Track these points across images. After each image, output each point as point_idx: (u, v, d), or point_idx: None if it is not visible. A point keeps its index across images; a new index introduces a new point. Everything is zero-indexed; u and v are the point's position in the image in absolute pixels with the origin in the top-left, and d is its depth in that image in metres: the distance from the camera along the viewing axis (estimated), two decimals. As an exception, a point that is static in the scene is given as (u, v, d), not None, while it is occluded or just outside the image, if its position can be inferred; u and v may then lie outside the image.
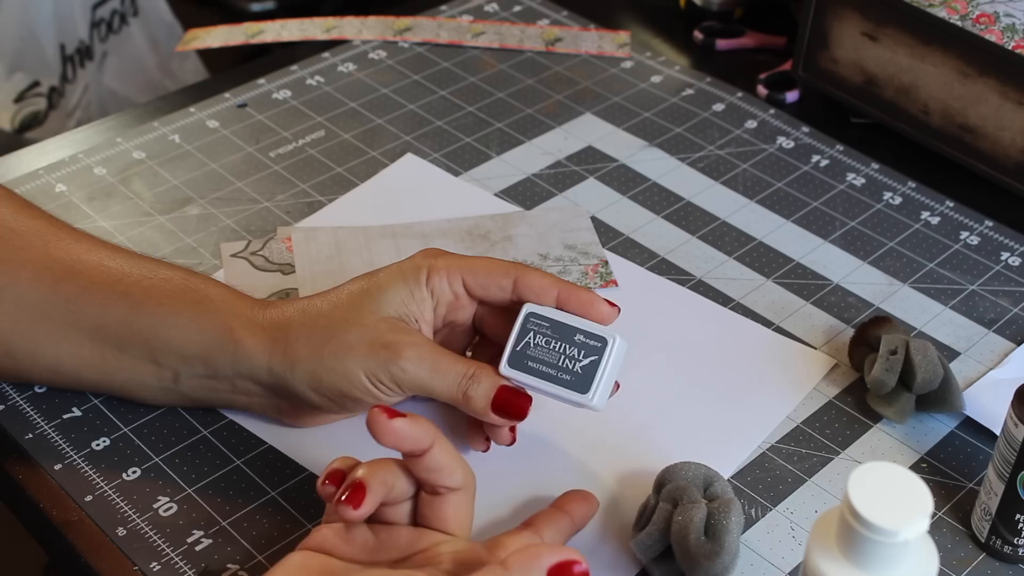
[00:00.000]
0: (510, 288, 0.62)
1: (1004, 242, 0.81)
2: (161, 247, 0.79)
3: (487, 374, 0.60)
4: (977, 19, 0.81)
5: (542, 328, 0.61)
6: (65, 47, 1.65)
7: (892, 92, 0.88)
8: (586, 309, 0.61)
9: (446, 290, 0.62)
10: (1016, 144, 0.82)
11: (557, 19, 1.04)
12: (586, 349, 0.60)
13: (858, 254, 0.80)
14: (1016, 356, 0.72)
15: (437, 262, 0.62)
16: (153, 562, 0.59)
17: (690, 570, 0.57)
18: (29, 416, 0.67)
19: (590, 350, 0.60)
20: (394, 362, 0.59)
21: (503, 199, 0.84)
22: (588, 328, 0.60)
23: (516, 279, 0.61)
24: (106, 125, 0.91)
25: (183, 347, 0.62)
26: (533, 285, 0.61)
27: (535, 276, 0.61)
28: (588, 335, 0.60)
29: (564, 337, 0.60)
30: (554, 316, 0.61)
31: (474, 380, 0.60)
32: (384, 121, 0.91)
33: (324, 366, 0.60)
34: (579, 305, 0.61)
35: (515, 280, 0.61)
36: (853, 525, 0.46)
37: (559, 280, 0.62)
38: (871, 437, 0.67)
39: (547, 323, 0.61)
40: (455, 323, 0.64)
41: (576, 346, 0.60)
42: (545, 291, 0.61)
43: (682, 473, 0.60)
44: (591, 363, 0.60)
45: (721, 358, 0.72)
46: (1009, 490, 0.58)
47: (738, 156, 0.89)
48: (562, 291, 0.61)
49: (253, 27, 1.03)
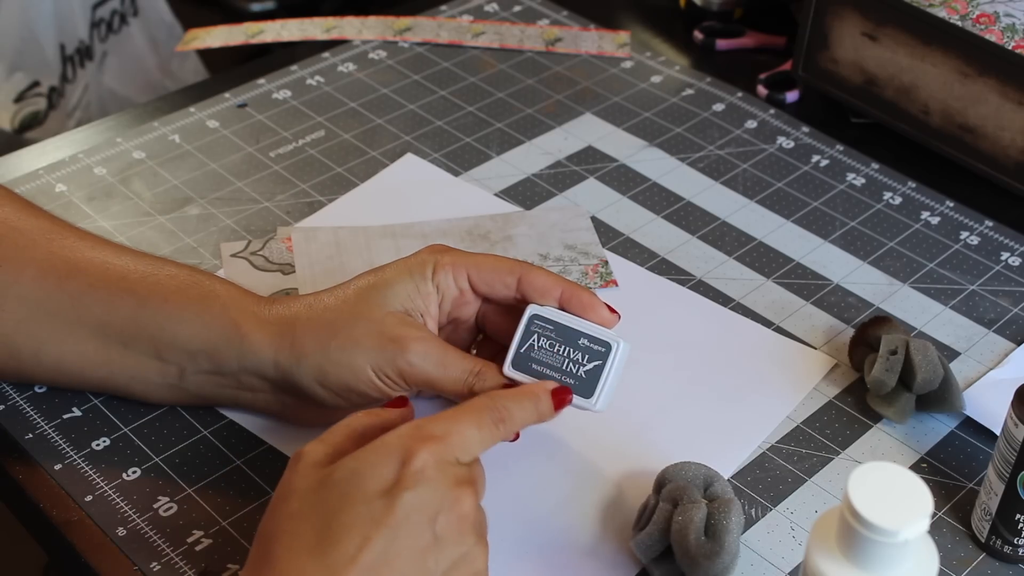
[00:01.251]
0: (514, 286, 0.62)
1: (1004, 242, 0.81)
2: (161, 247, 0.79)
3: (492, 372, 0.61)
4: (977, 19, 0.81)
5: (546, 331, 0.61)
6: (65, 47, 1.65)
7: (892, 92, 0.88)
8: (588, 311, 0.61)
9: (451, 286, 0.62)
10: (1016, 144, 0.82)
11: (557, 19, 1.04)
12: (590, 353, 0.60)
13: (858, 254, 0.80)
14: (1016, 356, 0.72)
15: (443, 258, 0.62)
16: (153, 562, 0.59)
17: (690, 570, 0.57)
18: (29, 416, 0.67)
19: (594, 354, 0.60)
20: (401, 356, 0.59)
21: (503, 199, 0.84)
22: (592, 332, 0.60)
23: (520, 277, 0.62)
24: (106, 125, 0.91)
25: (189, 342, 0.62)
26: (537, 284, 0.61)
27: (539, 275, 0.62)
28: (592, 339, 0.60)
29: (568, 340, 0.60)
30: (558, 319, 0.61)
31: (480, 377, 0.60)
32: (384, 121, 0.91)
33: (330, 360, 0.60)
34: (581, 306, 0.61)
35: (519, 278, 0.62)
36: (853, 525, 0.46)
37: (563, 280, 0.62)
38: (871, 437, 0.67)
39: (551, 326, 0.61)
40: (459, 320, 0.64)
41: (580, 350, 0.60)
42: (549, 290, 0.61)
43: (682, 473, 0.60)
44: (595, 367, 0.60)
45: (721, 358, 0.72)
46: (1009, 490, 0.58)
47: (738, 156, 0.89)
48: (565, 291, 0.61)
49: (253, 27, 1.03)
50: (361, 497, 0.49)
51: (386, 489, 0.50)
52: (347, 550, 0.48)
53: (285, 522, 0.50)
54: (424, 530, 0.49)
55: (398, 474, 0.50)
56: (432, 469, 0.50)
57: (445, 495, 0.50)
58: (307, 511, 0.50)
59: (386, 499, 0.49)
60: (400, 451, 0.51)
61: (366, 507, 0.49)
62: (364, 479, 0.50)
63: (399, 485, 0.50)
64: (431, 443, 0.51)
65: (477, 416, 0.54)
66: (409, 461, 0.50)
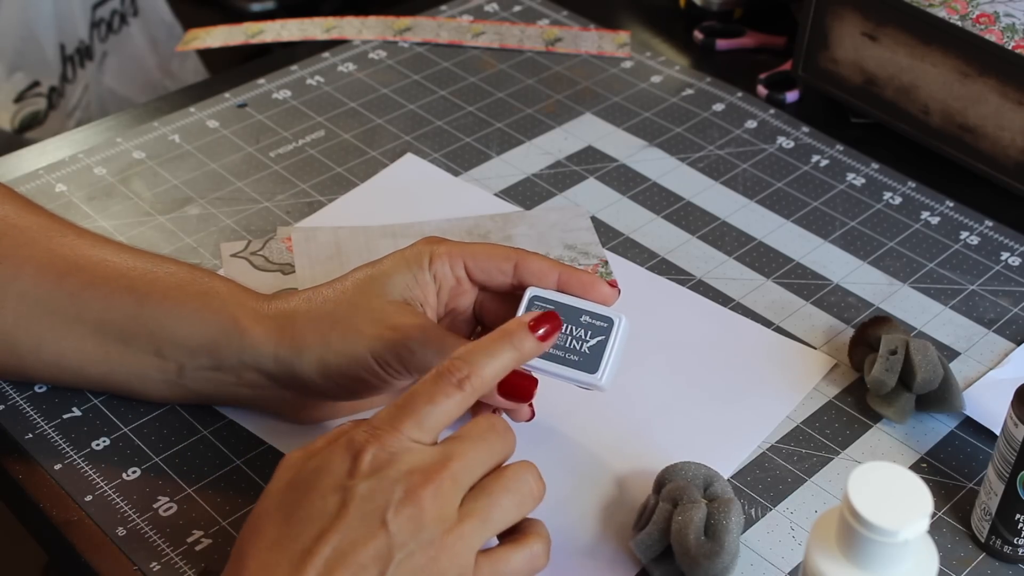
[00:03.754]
0: (511, 272, 0.62)
1: (1004, 242, 0.81)
2: (161, 247, 0.79)
3: None
4: (977, 19, 0.81)
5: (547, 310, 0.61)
6: (65, 47, 1.65)
7: (892, 92, 0.88)
8: (587, 291, 0.61)
9: (448, 275, 0.62)
10: (1016, 144, 0.82)
11: (557, 19, 1.04)
12: (592, 329, 0.60)
13: (858, 254, 0.80)
14: (1016, 356, 0.72)
15: (439, 247, 0.62)
16: (153, 562, 0.59)
17: (690, 570, 0.57)
18: (29, 416, 0.67)
19: (597, 330, 0.60)
20: (402, 344, 0.59)
21: (503, 199, 0.84)
22: (593, 309, 0.60)
23: (517, 263, 0.62)
24: (106, 125, 0.91)
25: (188, 339, 0.62)
26: (534, 269, 0.62)
27: (535, 260, 0.62)
28: (594, 315, 0.60)
29: (570, 318, 0.60)
30: (558, 298, 0.61)
31: None
32: (384, 121, 0.91)
33: (332, 350, 0.60)
34: (580, 287, 0.61)
35: (516, 264, 0.62)
36: (853, 525, 0.46)
37: (559, 264, 0.62)
38: (871, 437, 0.67)
39: (552, 305, 0.61)
40: (456, 310, 0.64)
41: (582, 327, 0.60)
42: (546, 274, 0.61)
43: (682, 473, 0.60)
44: (598, 343, 0.60)
45: (721, 358, 0.72)
46: (1009, 490, 0.58)
47: (738, 156, 0.89)
48: (563, 274, 0.61)
49: (253, 27, 1.03)
50: (319, 492, 0.50)
51: (340, 484, 0.50)
52: (305, 543, 0.49)
53: (255, 520, 0.51)
54: (375, 524, 0.49)
55: (350, 468, 0.50)
56: (381, 462, 0.50)
57: (394, 488, 0.49)
58: (273, 509, 0.51)
59: (340, 493, 0.50)
60: (351, 445, 0.51)
61: (322, 501, 0.50)
62: (322, 474, 0.50)
63: (351, 479, 0.50)
64: (380, 433, 0.51)
65: (429, 389, 0.52)
66: (359, 455, 0.50)
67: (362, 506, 0.49)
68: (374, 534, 0.49)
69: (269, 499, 0.51)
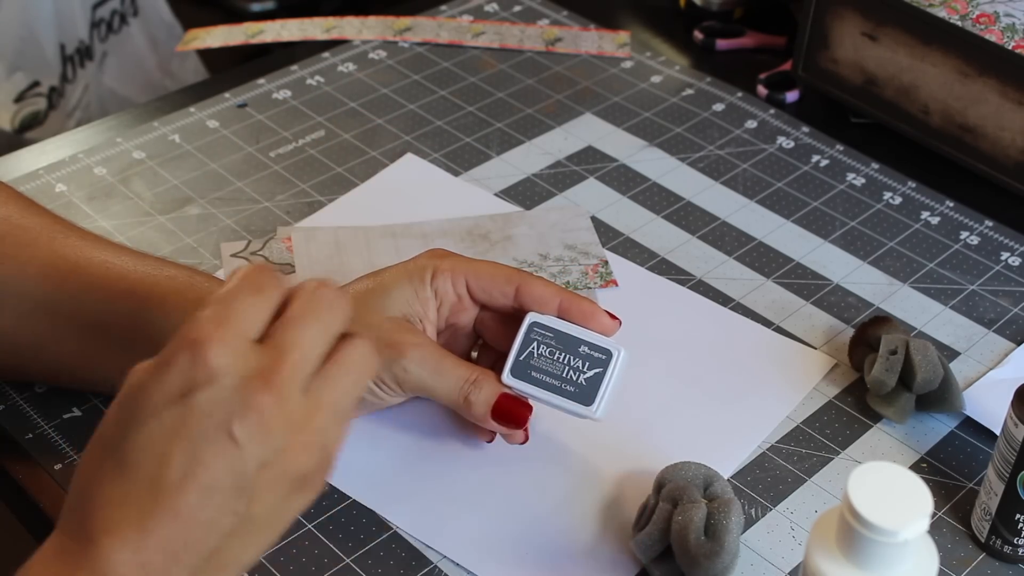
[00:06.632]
0: (512, 295, 0.62)
1: (1004, 242, 0.81)
2: (161, 247, 0.79)
3: (489, 380, 0.61)
4: (977, 19, 0.81)
5: (546, 338, 0.61)
6: (65, 47, 1.65)
7: (892, 92, 0.88)
8: (588, 320, 0.61)
9: (449, 291, 0.62)
10: (1016, 144, 0.82)
11: (557, 19, 1.04)
12: (590, 361, 0.60)
13: (858, 254, 0.80)
14: (1016, 356, 0.72)
15: (442, 263, 0.62)
16: (153, 562, 0.59)
17: (690, 570, 0.57)
18: (29, 416, 0.67)
19: (594, 362, 0.60)
20: (397, 362, 0.59)
21: (503, 199, 0.84)
22: (593, 340, 0.60)
23: (519, 287, 0.62)
24: (106, 125, 0.91)
25: None
26: (535, 294, 0.61)
27: (537, 285, 0.62)
28: (593, 347, 0.60)
29: (568, 348, 0.60)
30: (558, 326, 0.61)
31: (476, 386, 0.60)
32: (384, 121, 0.91)
33: None
34: (581, 316, 0.61)
35: (518, 288, 0.62)
36: (853, 525, 0.46)
37: (561, 290, 0.62)
38: (871, 437, 0.67)
39: (551, 333, 0.60)
40: (457, 326, 0.64)
41: (580, 357, 0.60)
42: (547, 300, 0.61)
43: (682, 473, 0.60)
44: (595, 375, 0.60)
45: (721, 358, 0.72)
46: (1009, 490, 0.58)
47: (738, 156, 0.89)
48: (564, 301, 0.61)
49: (253, 27, 1.03)
50: (151, 410, 0.44)
51: (174, 397, 0.44)
52: (147, 471, 0.43)
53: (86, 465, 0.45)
54: (222, 436, 0.43)
55: (186, 377, 0.44)
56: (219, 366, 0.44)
57: (234, 393, 0.44)
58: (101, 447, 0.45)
59: (177, 407, 0.43)
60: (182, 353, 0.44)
61: (157, 421, 0.43)
62: (150, 392, 0.44)
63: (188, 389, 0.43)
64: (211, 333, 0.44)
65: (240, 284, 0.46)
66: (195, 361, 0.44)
67: (203, 419, 0.43)
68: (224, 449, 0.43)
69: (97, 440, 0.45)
